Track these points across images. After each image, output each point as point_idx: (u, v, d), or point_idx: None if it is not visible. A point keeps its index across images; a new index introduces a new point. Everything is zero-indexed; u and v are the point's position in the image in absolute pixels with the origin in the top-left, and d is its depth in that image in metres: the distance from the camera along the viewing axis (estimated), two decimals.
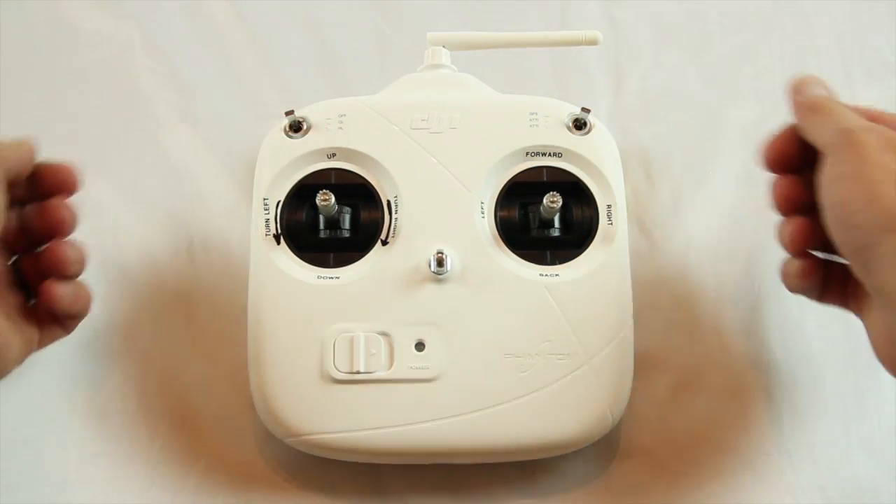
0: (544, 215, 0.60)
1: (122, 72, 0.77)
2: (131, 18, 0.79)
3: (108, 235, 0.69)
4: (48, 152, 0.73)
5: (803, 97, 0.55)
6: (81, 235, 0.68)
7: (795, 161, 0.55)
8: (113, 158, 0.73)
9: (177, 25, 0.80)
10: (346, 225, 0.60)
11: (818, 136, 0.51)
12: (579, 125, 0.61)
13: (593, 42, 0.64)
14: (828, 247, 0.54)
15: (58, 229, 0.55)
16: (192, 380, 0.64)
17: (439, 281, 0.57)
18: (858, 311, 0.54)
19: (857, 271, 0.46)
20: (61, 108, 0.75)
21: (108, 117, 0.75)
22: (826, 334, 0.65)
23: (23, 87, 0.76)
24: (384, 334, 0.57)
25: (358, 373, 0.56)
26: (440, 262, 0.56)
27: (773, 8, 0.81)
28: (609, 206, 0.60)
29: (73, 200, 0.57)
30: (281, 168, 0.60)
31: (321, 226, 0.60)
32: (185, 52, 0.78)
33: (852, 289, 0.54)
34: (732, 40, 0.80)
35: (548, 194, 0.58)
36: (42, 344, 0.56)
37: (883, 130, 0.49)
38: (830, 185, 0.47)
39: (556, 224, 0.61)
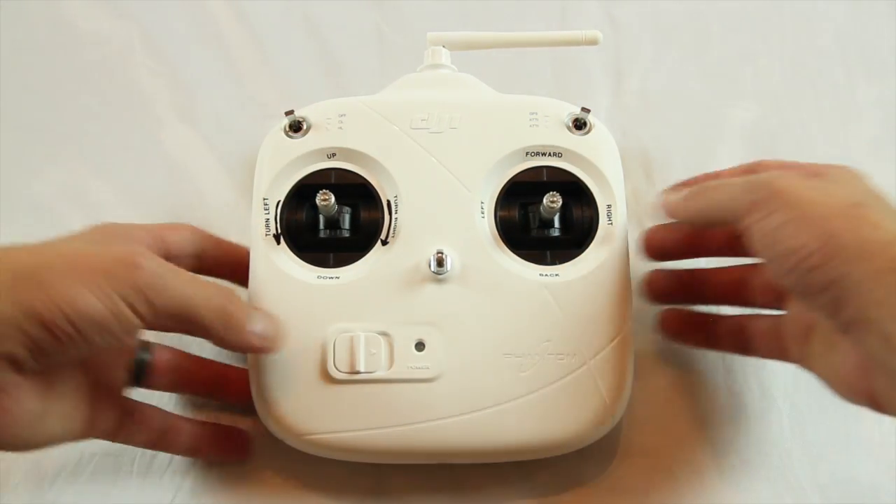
0: (544, 215, 0.60)
1: (122, 72, 0.77)
2: (131, 18, 0.79)
3: None
4: (48, 152, 0.73)
5: (680, 195, 0.57)
6: None
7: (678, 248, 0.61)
8: (113, 158, 0.73)
9: (177, 25, 0.80)
10: (346, 225, 0.60)
11: (725, 206, 0.52)
12: (579, 125, 0.61)
13: (593, 42, 0.64)
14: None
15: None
16: None
17: (439, 281, 0.57)
18: (800, 358, 0.54)
19: (825, 310, 0.45)
20: (61, 108, 0.75)
21: (108, 117, 0.75)
22: None
23: (23, 87, 0.76)
24: (384, 334, 0.57)
25: (358, 373, 0.56)
26: (440, 262, 0.56)
27: (773, 8, 0.81)
28: (609, 206, 0.60)
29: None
30: (281, 168, 0.60)
31: (321, 226, 0.60)
32: (185, 52, 0.78)
33: (785, 338, 0.55)
34: (732, 40, 0.80)
35: (548, 194, 0.58)
36: (113, 438, 0.55)
37: (784, 172, 0.51)
38: (771, 237, 0.47)
39: (556, 224, 0.61)
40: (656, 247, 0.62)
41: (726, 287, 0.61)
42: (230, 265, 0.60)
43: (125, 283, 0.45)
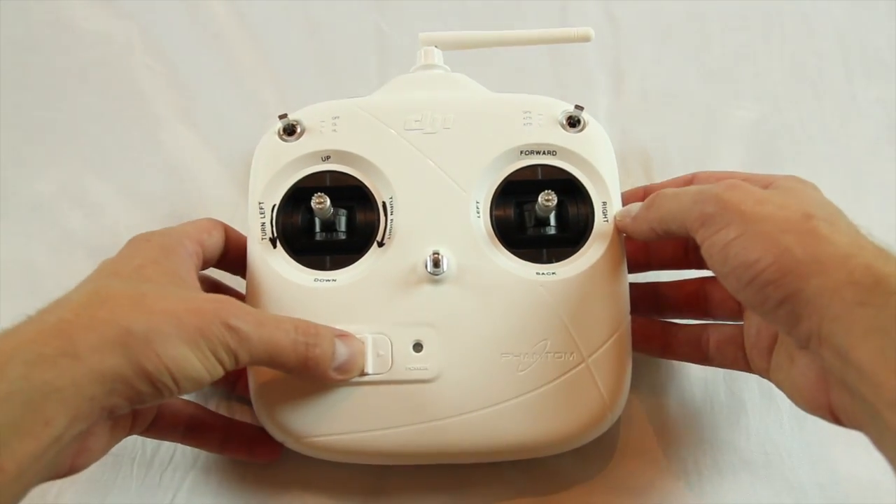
0: (540, 214, 0.60)
1: (122, 71, 0.77)
2: (131, 18, 0.80)
3: (108, 235, 0.69)
4: (48, 152, 0.74)
5: (633, 211, 0.57)
6: (81, 234, 0.69)
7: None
8: (113, 158, 0.74)
9: (177, 25, 0.80)
10: (342, 227, 0.60)
11: (677, 217, 0.52)
12: (573, 122, 0.61)
13: (586, 38, 0.64)
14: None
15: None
16: None
17: (436, 281, 0.57)
18: (761, 369, 0.55)
19: (782, 324, 0.45)
20: (61, 108, 0.76)
21: (108, 117, 0.75)
22: None
23: (23, 87, 0.76)
24: (381, 335, 0.57)
25: (365, 374, 0.56)
26: (436, 263, 0.56)
27: (773, 8, 0.81)
28: (604, 203, 0.60)
29: None
30: (275, 172, 0.60)
31: (317, 228, 0.60)
32: (185, 52, 0.79)
33: (746, 349, 0.56)
34: (732, 40, 0.80)
35: (543, 193, 0.58)
36: (146, 434, 0.57)
37: (735, 184, 0.50)
38: (724, 252, 0.47)
39: (552, 222, 0.61)
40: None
41: (686, 298, 0.62)
42: (240, 259, 0.60)
43: (220, 342, 0.47)
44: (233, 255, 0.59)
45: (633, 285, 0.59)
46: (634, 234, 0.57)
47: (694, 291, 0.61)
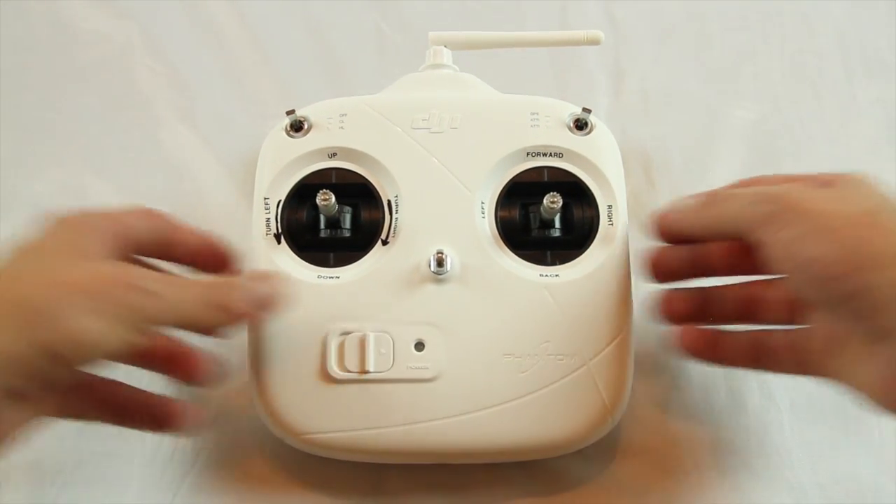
0: (545, 216, 0.60)
1: (122, 71, 0.77)
2: (131, 18, 0.80)
3: None
4: (48, 152, 0.73)
5: (684, 206, 0.56)
6: None
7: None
8: (113, 158, 0.73)
9: (177, 25, 0.80)
10: (347, 224, 0.60)
11: (735, 218, 0.52)
12: (580, 125, 0.61)
13: (595, 42, 0.64)
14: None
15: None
16: None
17: (439, 281, 0.57)
18: (827, 371, 0.53)
19: (852, 319, 0.45)
20: (61, 108, 0.75)
21: (108, 117, 0.75)
22: None
23: (23, 87, 0.76)
24: (384, 334, 0.57)
25: (366, 372, 0.56)
26: (440, 262, 0.56)
27: (773, 8, 0.81)
28: (610, 207, 0.60)
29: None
30: (282, 167, 0.60)
31: (322, 225, 0.60)
32: (185, 52, 0.79)
33: (809, 352, 0.54)
34: (732, 40, 0.80)
35: (548, 195, 0.58)
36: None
37: (794, 185, 0.50)
38: (789, 249, 0.47)
39: (557, 224, 0.61)
40: (664, 268, 0.61)
41: (740, 304, 0.60)
42: (190, 252, 0.57)
43: (126, 306, 0.45)
44: (167, 243, 0.56)
45: (689, 292, 0.59)
46: (682, 228, 0.56)
47: (745, 296, 0.60)
